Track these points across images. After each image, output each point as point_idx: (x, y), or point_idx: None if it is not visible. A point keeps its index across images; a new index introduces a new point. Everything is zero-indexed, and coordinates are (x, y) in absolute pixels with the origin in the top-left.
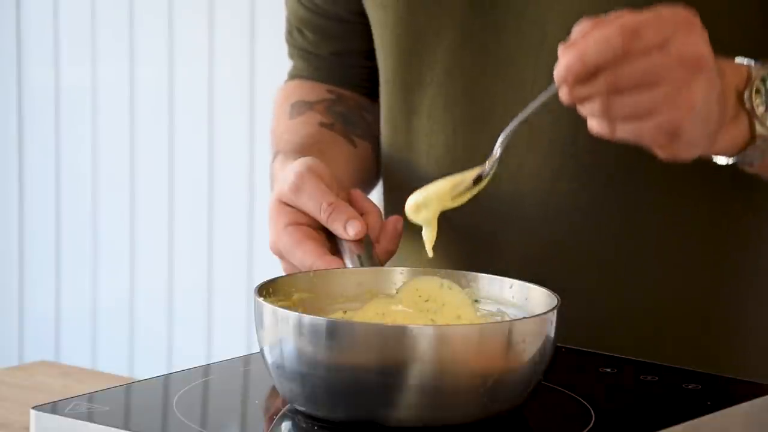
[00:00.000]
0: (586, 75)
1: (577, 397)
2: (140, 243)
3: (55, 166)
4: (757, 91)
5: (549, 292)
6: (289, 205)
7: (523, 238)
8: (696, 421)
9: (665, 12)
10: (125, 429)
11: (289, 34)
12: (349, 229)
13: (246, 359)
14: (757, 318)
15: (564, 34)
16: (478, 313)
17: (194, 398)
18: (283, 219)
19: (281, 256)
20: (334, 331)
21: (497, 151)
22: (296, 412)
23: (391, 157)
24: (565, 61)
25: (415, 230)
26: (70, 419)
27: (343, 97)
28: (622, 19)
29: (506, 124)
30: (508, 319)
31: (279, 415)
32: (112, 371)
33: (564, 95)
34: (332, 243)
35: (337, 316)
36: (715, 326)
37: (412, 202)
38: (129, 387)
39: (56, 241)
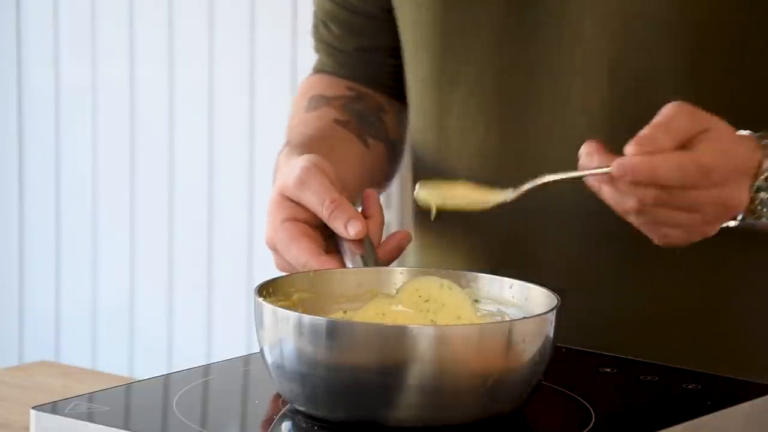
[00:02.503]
0: (642, 180)
1: (577, 397)
2: (140, 243)
3: (55, 166)
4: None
5: (549, 292)
6: (290, 199)
7: (558, 238)
8: (696, 421)
9: (733, 153)
10: (125, 429)
11: (315, 28)
12: (349, 228)
13: (246, 359)
14: (760, 318)
15: (601, 33)
16: (478, 313)
17: (194, 398)
18: (281, 214)
19: (275, 250)
20: (334, 331)
21: (525, 187)
22: (296, 412)
23: (422, 157)
24: (635, 162)
25: (424, 231)
26: (70, 419)
27: (363, 96)
28: (701, 157)
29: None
30: (508, 319)
31: (279, 415)
32: (112, 371)
33: (610, 188)
34: (329, 243)
35: (337, 316)
36: (727, 328)
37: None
38: (129, 387)
39: (56, 241)
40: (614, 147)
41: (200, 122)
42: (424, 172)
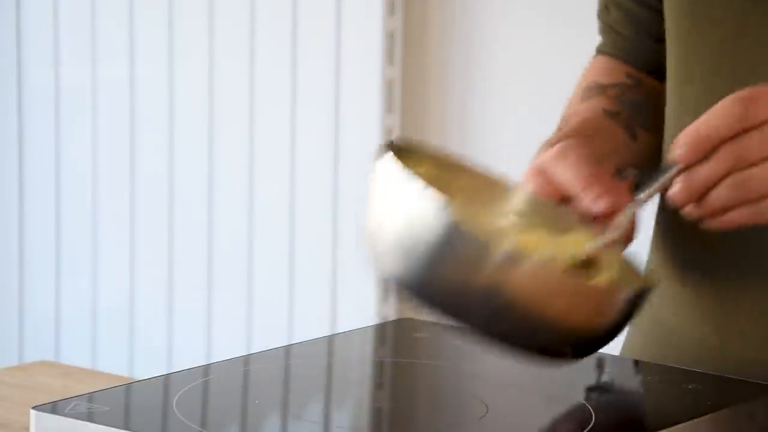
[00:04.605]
0: (704, 147)
1: (577, 397)
2: (140, 243)
3: (55, 166)
4: None
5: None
6: (546, 174)
7: None
8: (696, 421)
9: None
10: (125, 429)
11: (600, 10)
12: (596, 205)
13: (246, 359)
14: None
15: None
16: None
17: (194, 398)
18: (534, 181)
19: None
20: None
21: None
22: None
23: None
24: (681, 135)
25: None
26: (70, 419)
27: (641, 83)
28: (737, 94)
29: None
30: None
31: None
32: (112, 371)
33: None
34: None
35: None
36: None
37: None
38: (129, 387)
39: (56, 241)
40: None
41: (200, 122)
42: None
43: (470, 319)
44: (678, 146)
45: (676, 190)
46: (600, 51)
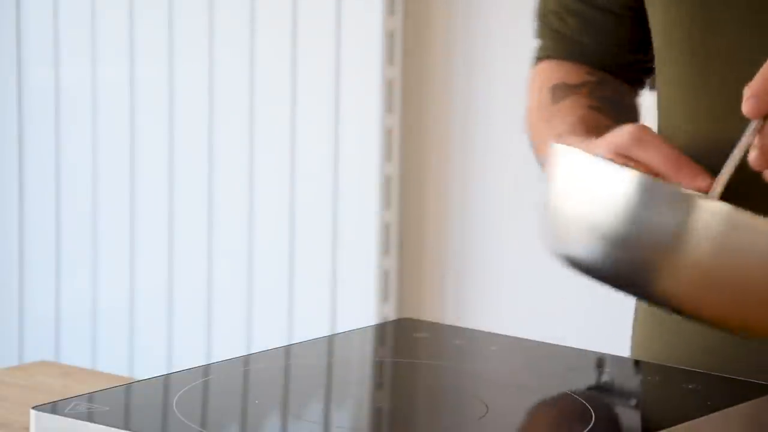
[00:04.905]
0: None
1: (577, 397)
2: (140, 243)
3: (55, 166)
4: None
5: None
6: (624, 156)
7: None
8: (696, 421)
9: None
10: (125, 429)
11: (544, 16)
12: (700, 182)
13: (246, 359)
14: None
15: None
16: None
17: (194, 398)
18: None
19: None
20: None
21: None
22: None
23: None
24: (747, 89)
25: None
26: (70, 419)
27: (606, 81)
28: None
29: None
30: None
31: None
32: (112, 371)
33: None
34: None
35: None
36: None
37: None
38: (129, 387)
39: (56, 241)
40: None
41: (200, 122)
42: None
43: (666, 290)
44: (745, 100)
45: (752, 155)
46: (542, 57)
